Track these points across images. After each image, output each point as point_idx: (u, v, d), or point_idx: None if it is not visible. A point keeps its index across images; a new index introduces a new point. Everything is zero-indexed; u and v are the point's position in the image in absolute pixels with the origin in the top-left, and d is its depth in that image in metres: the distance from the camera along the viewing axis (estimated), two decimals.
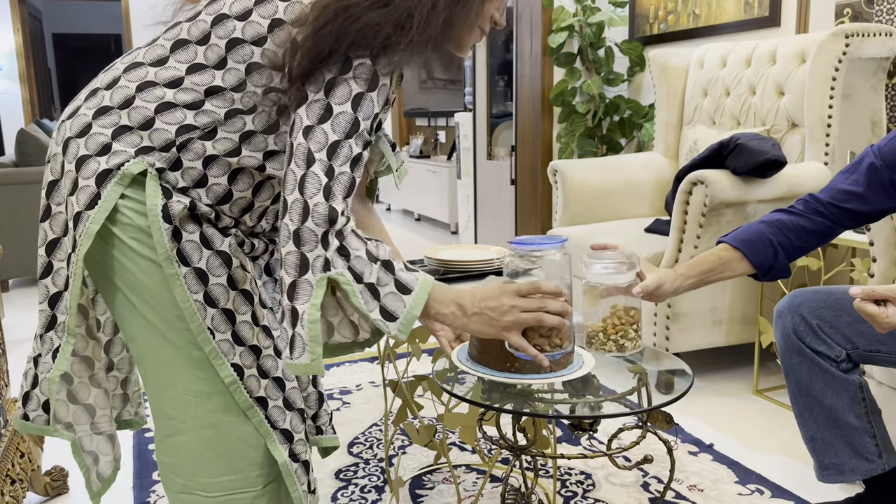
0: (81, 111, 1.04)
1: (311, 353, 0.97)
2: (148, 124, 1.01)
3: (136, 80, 1.04)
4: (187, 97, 1.02)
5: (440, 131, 6.79)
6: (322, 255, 0.95)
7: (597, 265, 1.36)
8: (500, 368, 1.18)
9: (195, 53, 1.03)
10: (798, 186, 2.33)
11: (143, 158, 1.01)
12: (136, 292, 1.03)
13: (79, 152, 1.01)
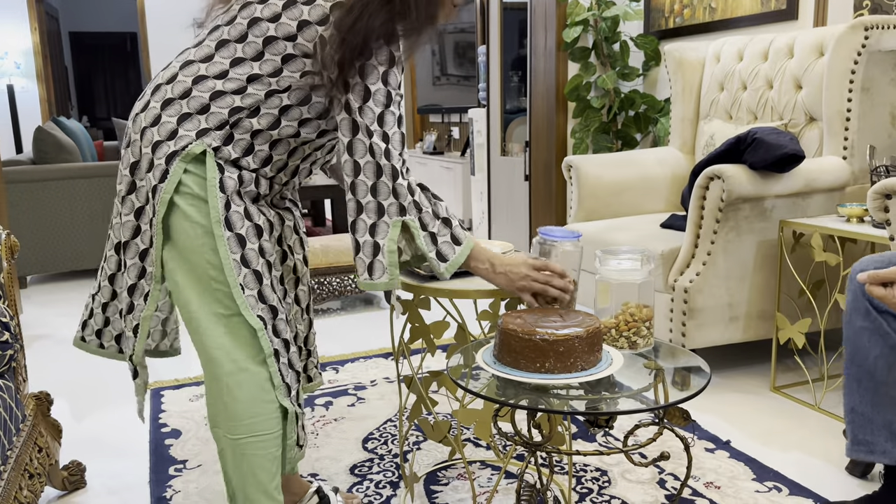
0: (151, 105, 1.33)
1: (391, 274, 1.32)
2: (204, 110, 1.30)
3: (190, 75, 1.31)
4: (233, 85, 1.29)
5: (454, 127, 6.77)
6: (395, 202, 1.30)
7: (611, 261, 1.36)
8: (528, 370, 1.18)
9: (235, 50, 1.30)
10: (816, 181, 2.30)
11: (202, 140, 1.29)
12: (182, 249, 1.31)
13: (153, 138, 1.30)
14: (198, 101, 1.30)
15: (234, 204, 1.30)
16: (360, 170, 1.29)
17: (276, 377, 1.34)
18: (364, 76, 1.26)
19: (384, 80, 1.28)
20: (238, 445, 1.35)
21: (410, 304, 1.65)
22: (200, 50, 1.34)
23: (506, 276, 1.37)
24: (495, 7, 4.43)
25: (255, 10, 1.29)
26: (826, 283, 2.33)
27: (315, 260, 3.25)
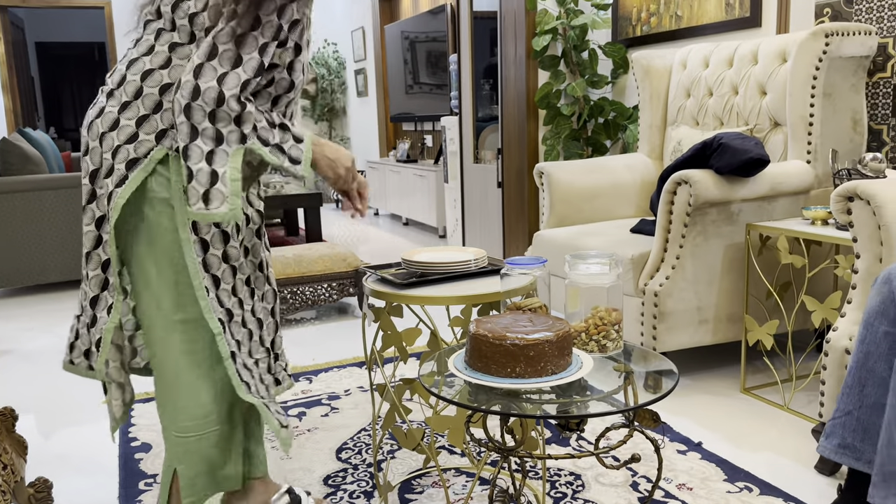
0: (107, 109, 1.33)
1: (231, 204, 1.27)
2: (158, 107, 1.31)
3: (137, 72, 1.33)
4: (177, 73, 1.31)
5: (427, 135, 6.79)
6: (236, 130, 1.27)
7: (580, 266, 1.37)
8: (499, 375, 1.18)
9: (171, 36, 1.33)
10: (781, 185, 2.34)
11: (162, 144, 1.31)
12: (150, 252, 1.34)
13: (113, 143, 1.32)
14: (151, 98, 1.32)
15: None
16: (200, 94, 1.23)
17: (235, 378, 1.38)
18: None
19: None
20: (188, 443, 1.40)
21: (382, 311, 1.65)
22: (141, 45, 1.36)
23: (337, 157, 1.42)
24: (466, 16, 4.46)
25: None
26: (793, 285, 2.37)
27: (288, 269, 3.23)
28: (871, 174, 2.06)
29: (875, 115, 2.56)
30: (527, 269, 1.46)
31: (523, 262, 1.47)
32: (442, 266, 1.67)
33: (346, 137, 8.75)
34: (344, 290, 3.34)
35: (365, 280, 1.69)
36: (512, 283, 1.48)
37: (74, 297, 4.04)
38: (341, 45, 8.53)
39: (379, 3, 7.26)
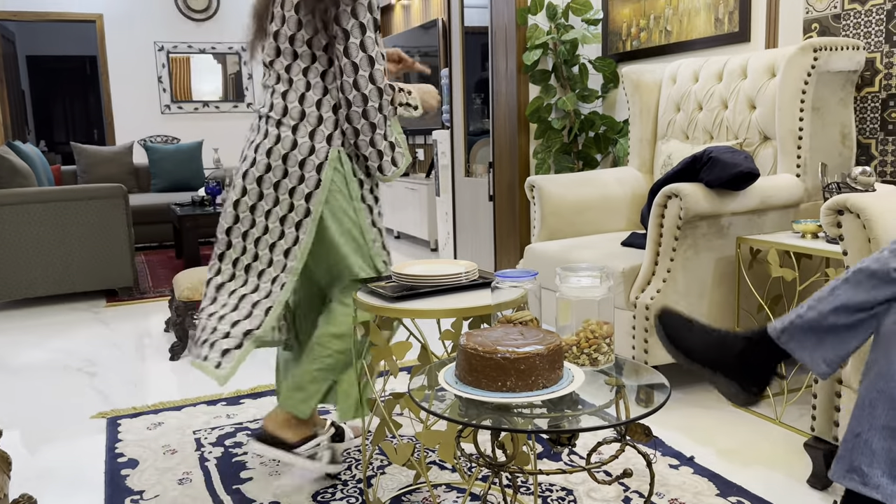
0: (283, 134, 1.75)
1: (407, 156, 1.83)
2: (319, 121, 1.75)
3: (293, 100, 1.75)
4: (318, 90, 1.75)
5: (418, 149, 6.80)
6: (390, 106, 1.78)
7: (571, 279, 1.36)
8: (490, 389, 1.17)
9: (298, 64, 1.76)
10: (771, 198, 2.35)
11: (333, 145, 1.75)
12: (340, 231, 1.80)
13: (298, 158, 1.75)
14: (313, 116, 1.75)
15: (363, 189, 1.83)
16: (368, 99, 1.72)
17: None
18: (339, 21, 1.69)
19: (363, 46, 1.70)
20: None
21: (373, 325, 1.63)
22: (281, 82, 1.77)
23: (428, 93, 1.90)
24: (457, 31, 4.48)
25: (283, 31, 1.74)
26: (784, 298, 2.37)
27: None
28: (861, 188, 2.07)
29: (864, 129, 2.58)
30: (517, 282, 1.46)
31: (514, 275, 1.46)
32: (432, 279, 1.66)
33: None
34: None
35: (355, 293, 1.67)
36: (503, 296, 1.47)
37: (62, 311, 4.01)
38: None
39: None
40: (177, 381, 2.79)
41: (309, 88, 1.74)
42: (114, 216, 4.08)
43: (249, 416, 2.37)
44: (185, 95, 8.13)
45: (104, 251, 4.09)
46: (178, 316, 3.06)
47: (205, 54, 8.14)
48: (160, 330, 3.55)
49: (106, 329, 3.60)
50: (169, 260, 5.55)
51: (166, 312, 3.89)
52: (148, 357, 3.11)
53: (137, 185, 6.56)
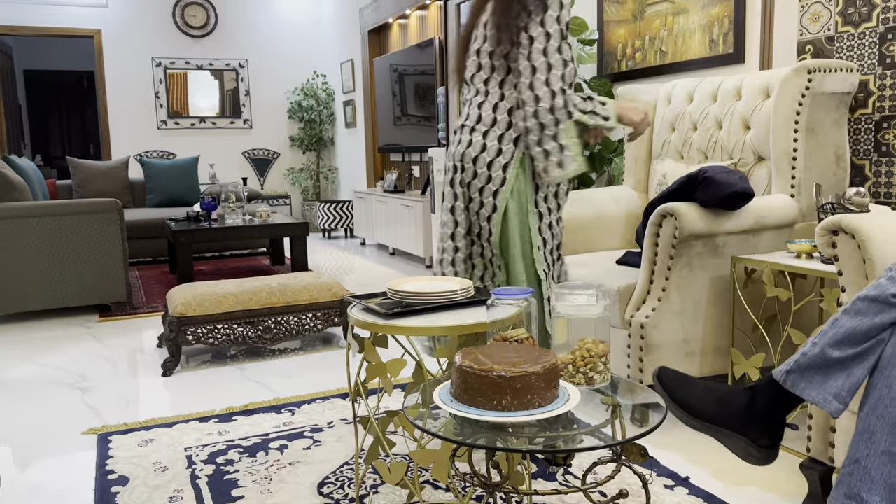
0: (474, 140, 1.95)
1: (578, 161, 1.90)
2: (509, 125, 1.90)
3: (487, 109, 1.94)
4: (511, 99, 1.90)
5: (414, 166, 6.81)
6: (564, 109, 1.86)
7: (567, 297, 1.36)
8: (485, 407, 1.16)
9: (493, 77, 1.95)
10: (766, 218, 2.36)
11: (518, 149, 1.91)
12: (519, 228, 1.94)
13: (486, 159, 1.92)
14: (503, 122, 1.91)
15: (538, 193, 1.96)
16: (539, 100, 1.83)
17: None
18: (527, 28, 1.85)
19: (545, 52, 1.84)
20: None
21: (367, 342, 1.62)
22: (480, 94, 1.95)
23: (633, 108, 2.02)
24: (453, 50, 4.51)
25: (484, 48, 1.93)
26: (778, 318, 2.37)
27: (272, 299, 3.20)
28: (855, 208, 2.08)
29: (857, 150, 2.59)
30: (513, 300, 1.46)
31: (510, 293, 1.46)
32: (428, 296, 1.65)
33: (333, 168, 8.77)
34: (329, 319, 3.31)
35: (350, 310, 1.67)
36: (498, 313, 1.46)
37: (55, 325, 3.98)
38: (330, 77, 8.60)
39: (368, 36, 7.34)
40: (169, 397, 2.77)
41: (502, 98, 1.91)
42: (108, 231, 4.07)
43: (242, 434, 2.35)
44: (182, 111, 8.15)
45: (98, 266, 4.07)
46: (171, 331, 3.04)
47: (202, 70, 8.17)
48: (153, 345, 3.52)
49: (98, 344, 3.58)
50: (163, 275, 5.53)
51: (159, 328, 3.87)
52: (140, 373, 3.09)
53: (133, 200, 6.55)
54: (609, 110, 1.96)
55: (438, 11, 6.01)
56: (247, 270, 5.59)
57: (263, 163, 8.57)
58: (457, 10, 4.45)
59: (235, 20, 8.28)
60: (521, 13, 1.83)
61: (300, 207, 8.70)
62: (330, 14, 8.40)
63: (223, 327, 3.11)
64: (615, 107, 1.99)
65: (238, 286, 3.24)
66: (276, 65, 8.51)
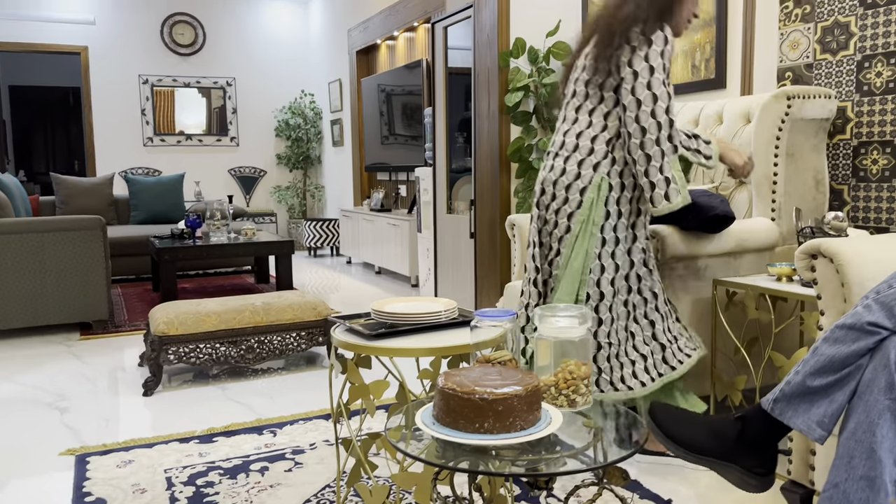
0: (556, 164, 2.02)
1: (683, 194, 1.93)
2: (591, 151, 1.96)
3: (572, 138, 2.00)
4: (598, 128, 1.97)
5: (401, 185, 6.83)
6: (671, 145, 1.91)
7: (549, 319, 1.37)
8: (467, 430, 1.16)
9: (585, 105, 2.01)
10: (747, 242, 2.38)
11: (599, 172, 1.95)
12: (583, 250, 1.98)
13: (565, 183, 1.99)
14: (585, 148, 1.96)
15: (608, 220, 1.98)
16: (647, 131, 1.88)
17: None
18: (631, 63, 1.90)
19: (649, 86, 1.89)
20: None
21: (350, 363, 1.62)
22: (568, 121, 2.03)
23: (737, 151, 2.08)
24: (441, 71, 4.55)
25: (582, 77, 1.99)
26: (760, 340, 2.39)
27: (256, 318, 3.18)
28: (834, 233, 2.11)
29: (836, 175, 2.64)
30: (496, 322, 1.46)
31: (493, 315, 1.46)
32: (412, 317, 1.66)
33: (320, 186, 8.77)
34: (313, 339, 3.30)
35: (333, 330, 1.66)
36: (481, 335, 1.47)
37: (35, 343, 3.93)
38: (318, 96, 8.63)
39: (356, 56, 7.38)
40: (150, 417, 2.74)
41: (589, 126, 1.96)
42: (91, 248, 4.04)
43: (222, 455, 2.33)
44: (169, 128, 8.14)
45: (80, 283, 4.03)
46: (153, 350, 3.02)
47: (189, 88, 8.17)
48: (134, 364, 3.49)
49: (79, 363, 3.54)
50: (146, 293, 5.48)
51: (141, 346, 3.84)
52: (121, 392, 3.05)
53: (117, 217, 6.51)
54: (712, 150, 2.00)
55: (426, 33, 6.07)
56: (231, 289, 5.56)
57: (250, 180, 8.56)
58: (443, 33, 4.49)
59: (224, 39, 8.31)
60: (624, 47, 1.88)
61: (286, 225, 8.69)
62: (318, 34, 8.45)
63: (205, 346, 3.08)
64: (718, 147, 2.03)
65: (221, 305, 3.22)
66: (265, 83, 8.53)
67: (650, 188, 1.89)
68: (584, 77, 2.00)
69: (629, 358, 2.06)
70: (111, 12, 7.82)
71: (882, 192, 2.49)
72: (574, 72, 2.07)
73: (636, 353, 2.07)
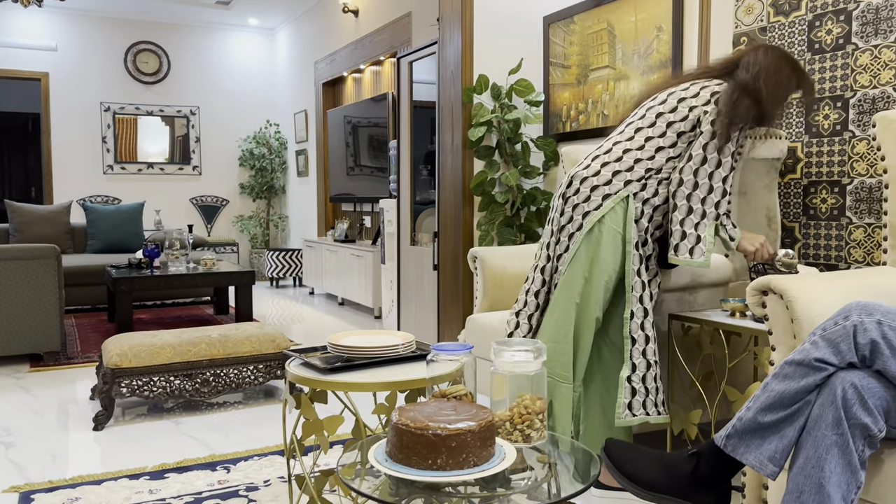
0: (592, 164, 2.07)
1: (707, 258, 2.00)
2: (630, 169, 2.03)
3: (620, 148, 2.07)
4: (646, 154, 2.04)
5: (365, 216, 6.83)
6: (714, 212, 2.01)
7: (505, 353, 1.37)
8: (420, 466, 1.15)
9: (647, 132, 2.08)
10: (701, 277, 2.43)
11: (627, 188, 2.01)
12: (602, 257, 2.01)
13: (593, 183, 2.04)
14: (625, 163, 2.03)
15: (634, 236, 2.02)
16: (698, 187, 1.98)
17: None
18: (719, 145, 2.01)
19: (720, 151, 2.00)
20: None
21: (304, 398, 1.60)
22: (624, 134, 2.09)
23: (753, 238, 2.11)
24: (406, 105, 4.59)
25: (658, 108, 2.08)
26: (715, 374, 2.43)
27: (212, 350, 3.13)
28: (784, 269, 2.17)
29: (788, 213, 2.71)
30: (453, 356, 1.46)
31: (450, 348, 1.46)
32: (368, 350, 1.65)
33: (284, 216, 8.72)
34: (271, 372, 3.25)
35: (288, 364, 1.64)
36: (438, 369, 1.46)
37: None
38: (283, 126, 8.63)
39: (323, 88, 7.42)
40: (99, 452, 2.65)
41: (641, 148, 2.04)
42: (44, 277, 3.94)
43: (174, 492, 2.26)
44: (131, 156, 8.04)
45: (31, 313, 3.92)
46: (105, 383, 2.94)
47: (152, 116, 8.10)
48: (86, 398, 3.39)
49: (27, 396, 3.42)
50: (101, 324, 5.35)
51: (94, 379, 3.73)
52: (71, 426, 2.96)
53: (73, 246, 6.38)
54: (737, 235, 2.07)
55: (392, 67, 6.13)
56: (189, 320, 5.46)
57: (212, 210, 8.47)
58: (409, 68, 4.55)
59: (188, 68, 8.28)
60: (710, 104, 2.00)
61: (248, 255, 8.60)
62: (285, 65, 8.48)
63: (159, 379, 3.01)
64: (741, 236, 2.11)
65: (177, 337, 3.16)
66: (229, 113, 8.50)
67: (680, 237, 1.96)
68: (660, 109, 2.08)
69: (656, 384, 2.09)
70: (74, 39, 7.75)
71: (831, 230, 2.57)
72: (652, 100, 2.15)
73: (657, 382, 2.11)
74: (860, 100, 2.47)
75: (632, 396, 2.01)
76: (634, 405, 2.02)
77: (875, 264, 2.45)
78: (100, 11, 7.78)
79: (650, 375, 2.03)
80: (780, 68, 2.06)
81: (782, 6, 2.71)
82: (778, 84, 2.04)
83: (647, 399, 2.03)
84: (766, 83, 2.02)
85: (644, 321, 2.03)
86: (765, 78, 2.02)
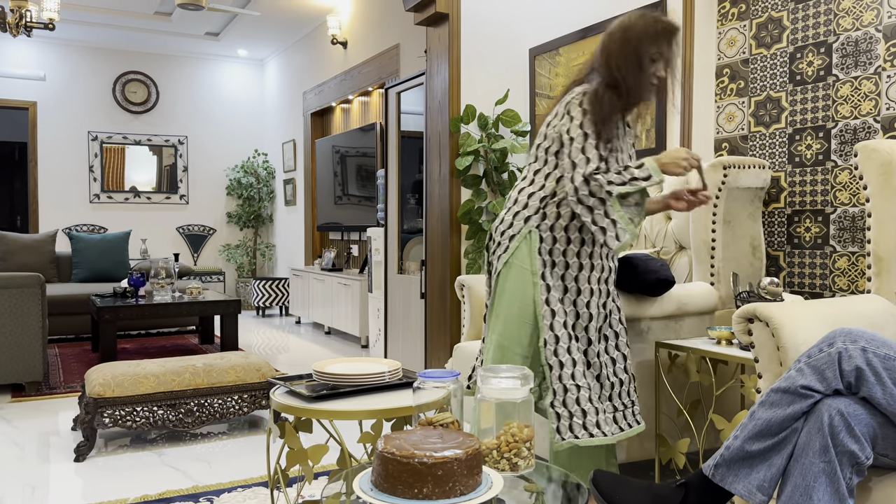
0: (506, 218, 2.14)
1: (630, 231, 1.99)
2: (526, 206, 2.11)
3: (524, 195, 2.13)
4: (536, 186, 2.12)
5: (353, 245, 6.82)
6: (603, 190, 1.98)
7: (492, 380, 1.37)
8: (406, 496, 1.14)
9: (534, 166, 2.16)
10: (687, 305, 2.44)
11: (528, 224, 2.08)
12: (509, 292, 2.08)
13: (501, 230, 2.13)
14: (522, 203, 2.11)
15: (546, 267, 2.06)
16: (577, 189, 1.99)
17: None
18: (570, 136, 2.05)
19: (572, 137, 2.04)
20: None
21: (289, 426, 1.58)
22: (526, 180, 2.16)
23: (668, 154, 2.04)
24: (394, 135, 4.62)
25: (542, 145, 2.14)
26: (702, 402, 2.42)
27: (196, 380, 3.09)
28: (770, 297, 2.18)
29: (772, 241, 2.74)
30: (440, 383, 1.45)
31: (437, 375, 1.45)
32: (354, 378, 1.63)
33: (271, 245, 8.70)
34: (256, 402, 3.21)
35: (273, 393, 1.63)
36: (424, 396, 1.45)
37: None
38: (272, 156, 8.65)
39: (311, 118, 7.46)
40: (80, 484, 2.60)
41: (532, 184, 2.12)
42: (28, 306, 3.90)
43: None
44: (118, 185, 8.02)
45: (13, 343, 3.87)
46: (88, 413, 2.89)
47: (140, 146, 8.10)
48: (68, 428, 3.33)
49: (8, 426, 3.36)
50: (84, 353, 5.28)
51: (76, 409, 3.67)
52: (52, 458, 2.90)
53: (58, 275, 6.32)
54: (648, 168, 2.00)
55: (380, 98, 6.19)
56: (173, 349, 5.40)
57: (198, 238, 8.44)
58: (397, 98, 4.59)
59: (177, 98, 8.31)
60: (566, 117, 2.05)
61: (234, 284, 8.55)
62: (274, 95, 8.53)
63: (143, 409, 2.97)
64: (653, 163, 2.02)
65: (160, 366, 3.12)
66: (217, 142, 8.52)
67: (601, 233, 1.99)
68: (540, 143, 2.16)
69: (594, 406, 2.06)
70: (63, 69, 7.77)
71: (815, 258, 2.60)
72: (538, 137, 2.22)
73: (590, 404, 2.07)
74: (842, 130, 2.51)
75: (558, 421, 2.00)
76: (562, 429, 2.00)
77: (859, 292, 2.47)
78: (89, 42, 7.81)
79: (570, 399, 2.01)
80: (625, 41, 2.03)
81: (764, 38, 2.77)
82: (627, 60, 2.02)
83: (572, 422, 2.00)
84: (618, 66, 2.03)
85: (557, 347, 2.03)
86: (616, 61, 2.03)
